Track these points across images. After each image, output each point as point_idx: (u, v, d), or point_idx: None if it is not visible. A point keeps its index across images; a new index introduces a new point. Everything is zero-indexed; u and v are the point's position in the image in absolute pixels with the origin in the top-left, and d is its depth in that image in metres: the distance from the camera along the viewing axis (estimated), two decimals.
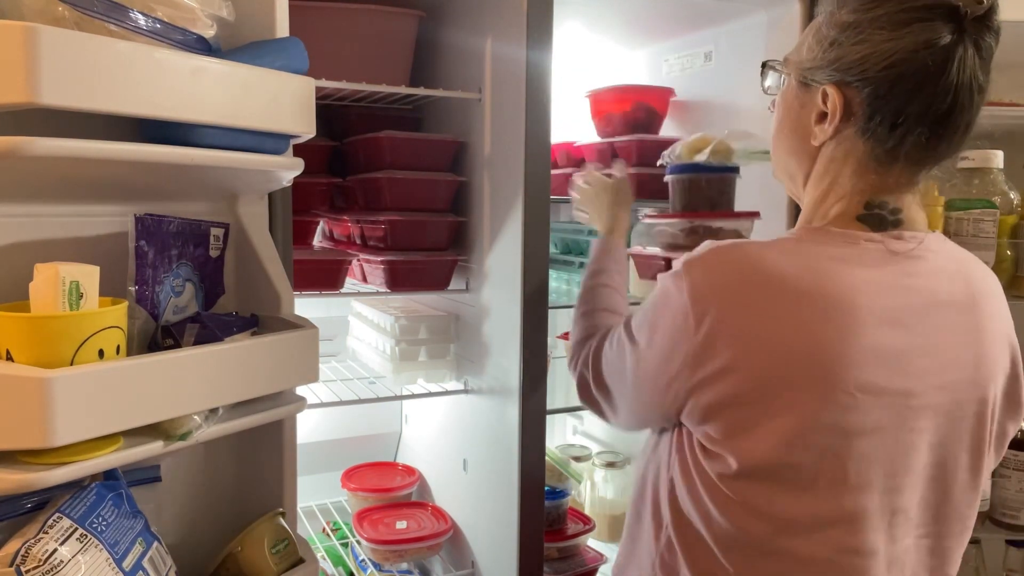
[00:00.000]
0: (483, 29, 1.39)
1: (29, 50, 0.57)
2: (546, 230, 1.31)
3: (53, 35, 0.59)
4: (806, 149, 0.83)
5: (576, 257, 1.84)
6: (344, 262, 1.44)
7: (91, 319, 0.66)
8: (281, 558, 0.88)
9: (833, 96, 0.78)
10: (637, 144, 1.65)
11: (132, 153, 0.68)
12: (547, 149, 1.29)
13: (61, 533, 0.68)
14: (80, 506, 0.71)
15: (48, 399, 0.62)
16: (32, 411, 0.62)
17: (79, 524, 0.70)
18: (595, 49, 1.89)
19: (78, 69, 0.61)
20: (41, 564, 0.65)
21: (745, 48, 1.55)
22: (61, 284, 0.64)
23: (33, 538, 0.66)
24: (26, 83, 0.57)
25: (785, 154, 0.88)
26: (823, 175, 0.82)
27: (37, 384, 0.61)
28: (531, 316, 1.31)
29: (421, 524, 1.61)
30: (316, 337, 0.90)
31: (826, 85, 0.78)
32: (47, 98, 0.59)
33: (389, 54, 1.46)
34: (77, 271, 0.66)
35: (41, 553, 0.66)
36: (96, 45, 0.63)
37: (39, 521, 0.68)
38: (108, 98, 0.64)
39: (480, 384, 1.51)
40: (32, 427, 0.62)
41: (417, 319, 1.57)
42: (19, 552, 0.65)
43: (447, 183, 1.49)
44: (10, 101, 0.58)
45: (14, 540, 0.66)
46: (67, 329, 0.65)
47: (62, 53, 0.60)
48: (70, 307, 0.65)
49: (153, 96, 0.68)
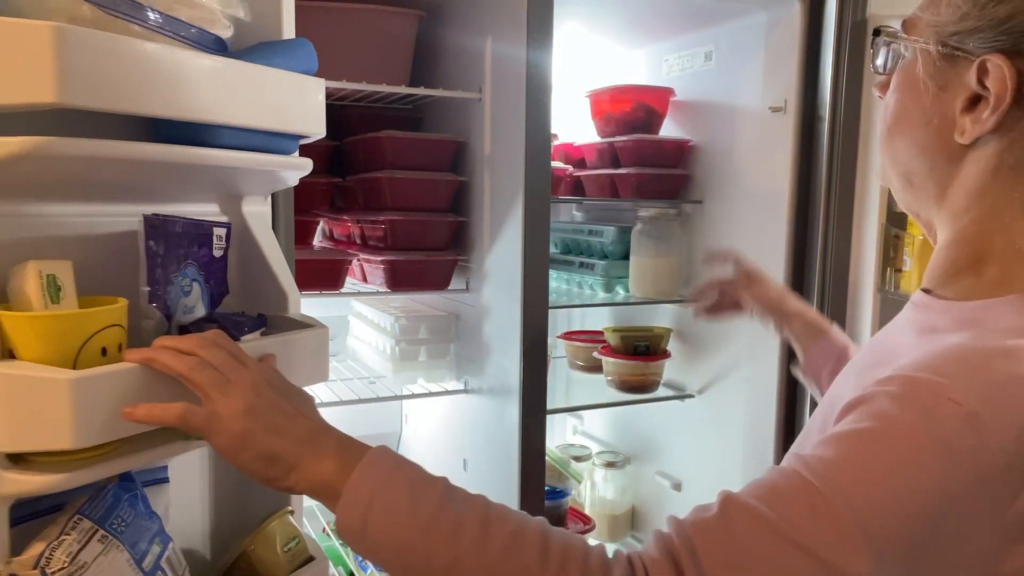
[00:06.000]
0: (483, 29, 1.39)
1: (56, 50, 0.56)
2: (546, 230, 1.31)
3: (80, 35, 0.58)
4: (945, 148, 0.61)
5: (576, 257, 1.85)
6: (344, 262, 1.44)
7: (95, 317, 0.66)
8: (292, 556, 0.88)
9: (997, 70, 0.55)
10: (637, 144, 1.65)
11: (154, 154, 0.68)
12: (547, 149, 1.29)
13: (83, 535, 0.67)
14: (99, 508, 0.70)
15: (74, 400, 0.61)
16: (58, 412, 0.61)
17: (100, 526, 0.69)
18: (595, 49, 1.89)
19: (104, 70, 0.60)
20: (66, 566, 0.65)
21: (745, 48, 1.55)
22: (39, 279, 0.64)
23: (56, 540, 0.66)
24: (52, 84, 0.56)
25: (908, 154, 0.64)
26: (980, 192, 0.59)
27: (62, 385, 0.61)
28: (531, 316, 1.31)
29: None
30: (327, 336, 0.89)
31: (985, 56, 0.56)
32: (72, 99, 0.58)
33: (389, 54, 1.46)
34: (52, 265, 0.65)
35: (65, 555, 0.65)
36: (122, 46, 0.62)
37: (59, 523, 0.67)
38: (132, 99, 0.63)
39: (480, 384, 1.51)
40: (58, 428, 0.61)
41: (417, 319, 1.57)
42: (43, 555, 0.64)
43: (447, 183, 1.49)
44: (36, 101, 0.57)
45: (36, 543, 0.66)
46: (72, 327, 0.64)
47: (89, 54, 0.59)
48: (51, 301, 0.64)
49: (176, 97, 0.67)
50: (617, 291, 1.74)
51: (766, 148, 1.50)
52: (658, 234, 1.64)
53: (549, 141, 1.29)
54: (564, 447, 1.98)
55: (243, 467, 0.61)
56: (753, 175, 1.53)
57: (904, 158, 0.65)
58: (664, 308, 1.82)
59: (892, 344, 0.66)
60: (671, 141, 1.70)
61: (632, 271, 1.68)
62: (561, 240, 1.93)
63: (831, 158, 1.42)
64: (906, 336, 0.65)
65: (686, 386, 1.77)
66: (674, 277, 1.67)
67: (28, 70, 0.56)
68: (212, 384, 0.63)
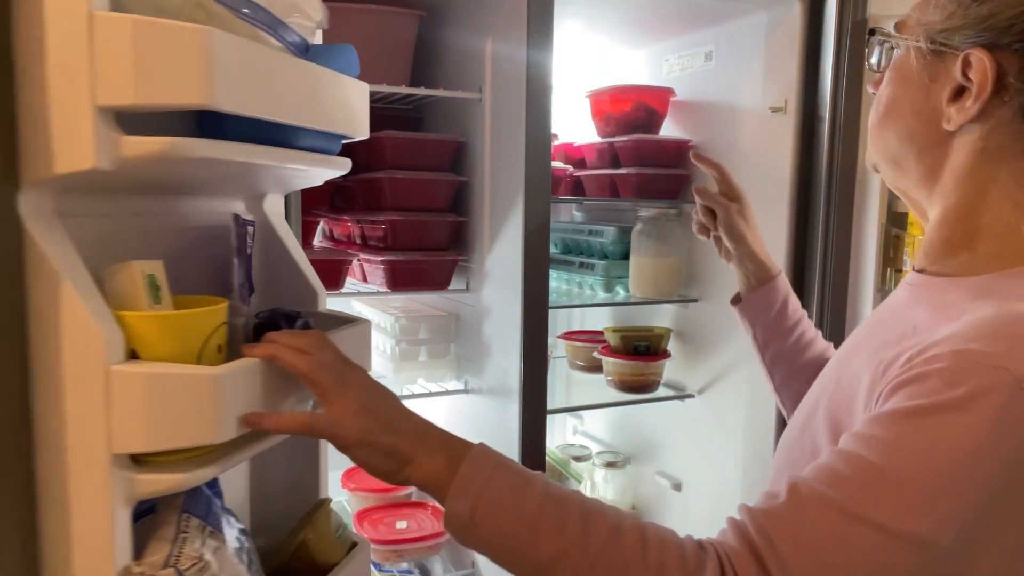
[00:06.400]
0: (483, 29, 1.39)
1: (207, 54, 0.58)
2: (546, 230, 1.31)
3: (225, 40, 0.60)
4: (933, 135, 0.67)
5: (576, 257, 1.85)
6: (345, 262, 1.44)
7: (214, 315, 0.66)
8: (342, 542, 0.91)
9: (980, 63, 0.62)
10: (637, 144, 1.65)
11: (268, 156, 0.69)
12: (547, 149, 1.29)
13: (196, 532, 0.68)
14: (199, 504, 0.71)
15: (219, 395, 0.63)
16: (204, 408, 0.62)
17: (206, 522, 0.70)
18: (595, 49, 1.89)
19: (243, 75, 0.62)
20: (197, 563, 0.66)
21: (745, 48, 1.55)
22: (143, 279, 0.64)
23: (178, 538, 0.66)
24: (203, 86, 0.58)
25: (897, 139, 0.70)
26: (967, 174, 0.65)
27: (209, 381, 0.62)
28: (531, 316, 1.31)
29: (421, 524, 1.61)
30: (370, 330, 0.92)
31: (970, 50, 0.62)
32: (219, 101, 0.59)
33: (389, 54, 1.46)
34: (148, 265, 0.66)
35: (193, 552, 0.66)
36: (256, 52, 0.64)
37: (169, 522, 0.68)
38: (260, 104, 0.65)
39: (480, 384, 1.51)
40: (202, 424, 0.63)
41: (417, 319, 1.57)
42: (172, 553, 0.65)
43: (447, 183, 1.49)
44: (186, 103, 0.58)
45: (156, 542, 0.66)
46: (197, 325, 0.65)
47: (232, 58, 0.60)
48: (153, 301, 0.65)
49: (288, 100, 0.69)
50: (617, 291, 1.74)
51: (766, 148, 1.50)
52: (658, 234, 1.64)
53: (549, 141, 1.29)
54: (564, 447, 1.98)
55: (363, 462, 0.66)
56: (753, 175, 1.53)
57: (894, 145, 0.71)
58: (664, 308, 1.82)
59: (907, 320, 0.67)
60: (671, 141, 1.70)
61: (632, 271, 1.68)
62: (561, 240, 1.93)
63: (831, 158, 1.42)
64: (919, 312, 0.67)
65: (686, 386, 1.77)
66: (674, 277, 1.67)
67: (180, 72, 0.58)
68: (331, 386, 0.67)
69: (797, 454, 0.73)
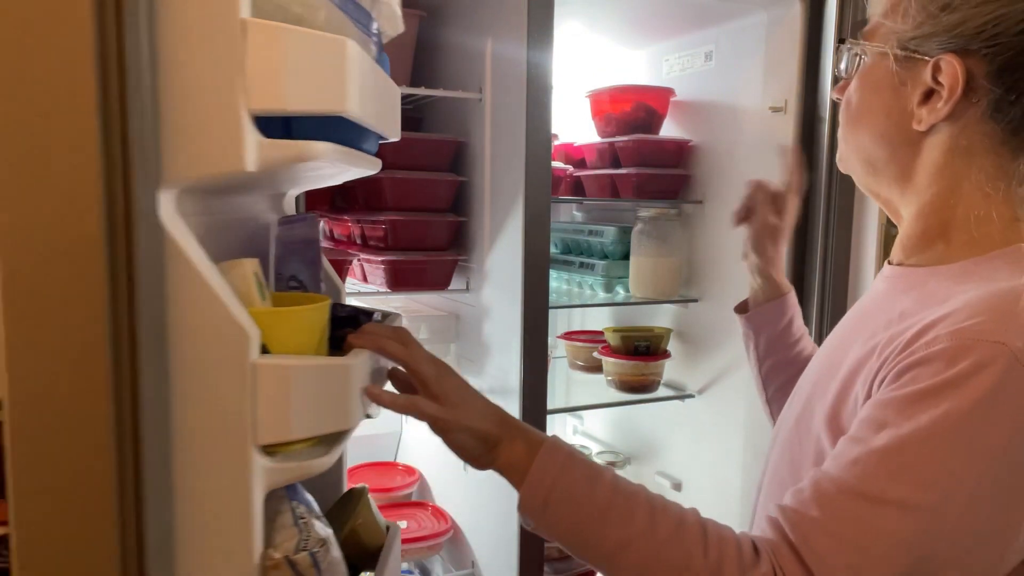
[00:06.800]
0: (483, 29, 1.39)
1: (346, 63, 0.61)
2: (546, 230, 1.31)
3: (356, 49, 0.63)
4: (904, 136, 0.70)
5: (576, 257, 1.85)
6: (345, 262, 1.44)
7: (326, 310, 0.70)
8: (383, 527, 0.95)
9: (950, 67, 0.65)
10: (637, 144, 1.65)
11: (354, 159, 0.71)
12: (547, 149, 1.29)
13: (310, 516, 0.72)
14: (297, 492, 0.74)
15: (352, 383, 0.68)
16: (341, 396, 0.67)
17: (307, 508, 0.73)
18: (595, 49, 1.89)
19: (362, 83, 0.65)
20: (323, 545, 0.69)
21: (745, 48, 1.55)
22: (255, 277, 0.67)
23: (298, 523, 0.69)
24: (341, 94, 0.61)
25: (870, 141, 0.73)
26: (939, 171, 0.69)
27: (346, 370, 0.67)
28: (531, 316, 1.31)
29: (421, 524, 1.61)
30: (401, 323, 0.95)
31: (940, 56, 0.65)
32: (351, 108, 0.62)
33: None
34: (254, 264, 0.68)
35: (317, 535, 0.70)
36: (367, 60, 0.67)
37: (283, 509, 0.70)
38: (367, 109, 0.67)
39: (480, 384, 1.51)
40: (340, 411, 0.67)
41: (417, 319, 1.57)
42: (302, 538, 0.68)
43: (447, 183, 1.49)
44: (327, 109, 0.61)
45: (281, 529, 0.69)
46: (320, 319, 0.69)
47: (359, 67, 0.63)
48: (262, 297, 0.67)
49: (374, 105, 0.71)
50: (617, 291, 1.74)
51: (766, 148, 1.50)
52: (658, 234, 1.64)
53: (549, 141, 1.29)
54: None
55: (458, 445, 0.72)
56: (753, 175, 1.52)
57: (868, 146, 0.74)
58: (664, 308, 1.82)
59: (891, 308, 0.69)
60: (671, 141, 1.70)
61: (632, 271, 1.68)
62: (561, 240, 1.93)
63: (831, 158, 1.42)
64: (903, 300, 0.69)
65: (686, 386, 1.77)
66: (674, 277, 1.67)
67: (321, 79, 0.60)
68: (433, 376, 0.73)
69: (793, 447, 0.74)
